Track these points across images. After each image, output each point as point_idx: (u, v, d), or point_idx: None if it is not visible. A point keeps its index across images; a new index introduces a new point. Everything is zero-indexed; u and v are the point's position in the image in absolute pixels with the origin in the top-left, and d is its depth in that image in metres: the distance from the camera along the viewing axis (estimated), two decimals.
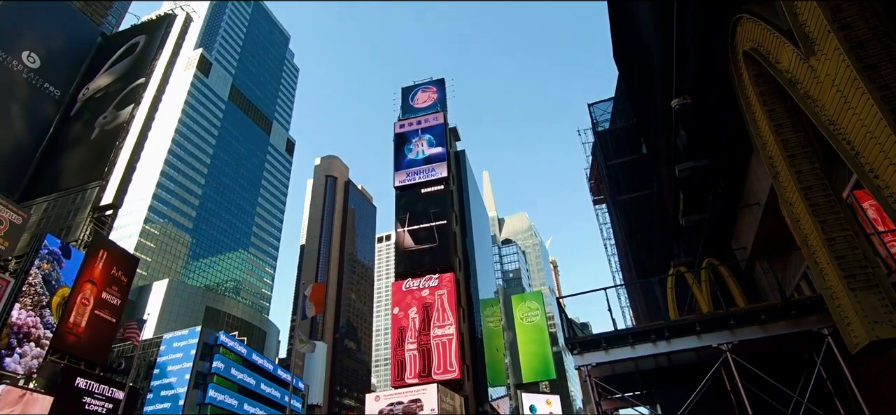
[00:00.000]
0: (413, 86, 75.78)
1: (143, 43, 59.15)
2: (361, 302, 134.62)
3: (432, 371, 47.89)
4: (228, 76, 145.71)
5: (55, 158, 51.44)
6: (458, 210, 68.84)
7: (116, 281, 36.81)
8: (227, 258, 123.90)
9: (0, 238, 31.60)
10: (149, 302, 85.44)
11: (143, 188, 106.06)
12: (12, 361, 26.99)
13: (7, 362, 26.78)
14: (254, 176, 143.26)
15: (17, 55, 53.13)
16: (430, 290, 54.88)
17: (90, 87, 57.52)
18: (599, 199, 43.48)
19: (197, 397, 48.13)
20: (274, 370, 65.09)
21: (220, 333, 55.64)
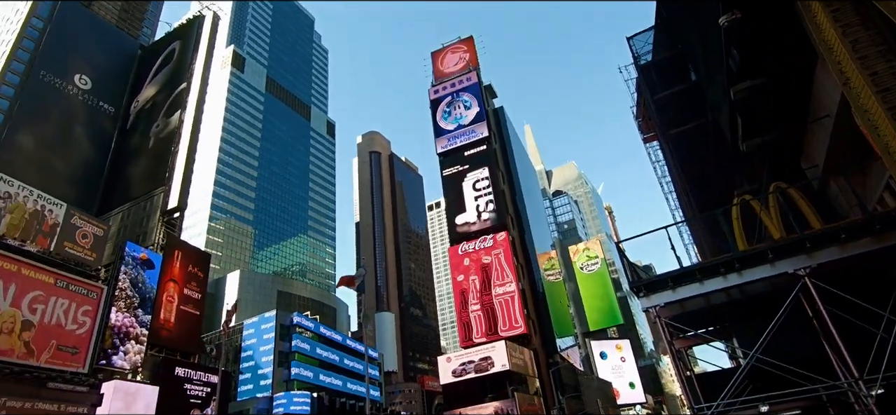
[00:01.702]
0: (442, 48, 74.58)
1: (179, 48, 61.53)
2: (421, 270, 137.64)
3: (498, 329, 48.60)
4: (262, 68, 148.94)
5: (121, 171, 55.15)
6: (503, 168, 68.17)
7: (194, 277, 39.60)
8: (289, 244, 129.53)
9: (87, 250, 34.46)
10: (226, 293, 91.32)
11: (203, 188, 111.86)
12: (118, 358, 29.94)
13: (114, 360, 29.76)
14: (301, 162, 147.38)
15: (71, 80, 56.79)
16: (486, 250, 55.18)
17: (139, 99, 60.82)
18: (650, 136, 41.71)
19: (282, 375, 51.84)
20: (343, 341, 68.47)
21: (293, 314, 59.12)
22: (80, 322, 28.51)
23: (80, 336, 28.12)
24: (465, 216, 58.63)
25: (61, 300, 28.12)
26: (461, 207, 59.67)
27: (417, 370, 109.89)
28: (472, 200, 59.14)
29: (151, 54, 65.17)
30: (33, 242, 29.89)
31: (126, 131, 58.83)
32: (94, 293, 30.53)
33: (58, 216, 32.13)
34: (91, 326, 28.83)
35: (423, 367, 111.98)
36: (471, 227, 57.04)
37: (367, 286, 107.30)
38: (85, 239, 34.19)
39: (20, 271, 27.04)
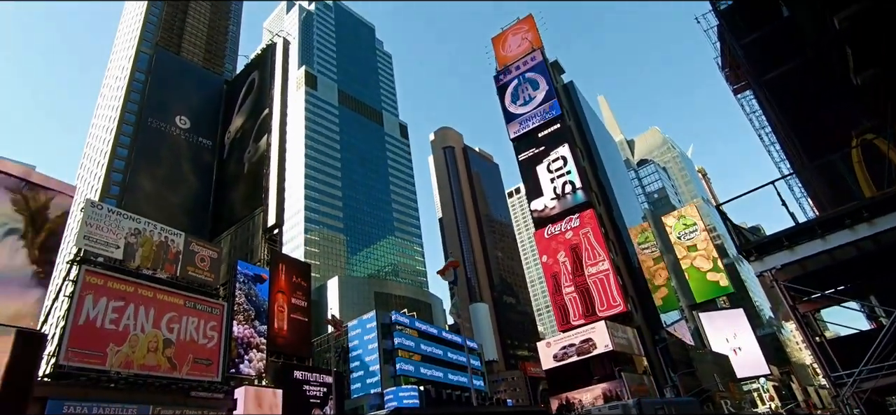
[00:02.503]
0: (501, 32, 73.31)
1: (258, 77, 66.14)
2: (508, 258, 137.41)
3: (596, 309, 47.27)
4: (333, 83, 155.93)
5: (224, 197, 60.48)
6: (581, 144, 65.88)
7: (299, 287, 42.63)
8: (379, 247, 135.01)
9: (206, 272, 38.23)
10: (328, 299, 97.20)
11: (296, 203, 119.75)
12: (245, 366, 33.11)
13: (242, 368, 32.94)
14: (380, 167, 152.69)
15: (173, 122, 63.05)
16: (573, 231, 53.76)
17: (231, 129, 66.27)
18: (740, 86, 38.12)
19: (389, 371, 54.51)
20: (439, 333, 70.22)
21: (392, 313, 61.80)
22: (209, 336, 31.86)
23: (211, 349, 31.45)
24: (544, 199, 57.56)
25: (191, 319, 31.58)
26: (540, 191, 58.63)
27: (518, 358, 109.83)
28: (550, 182, 57.86)
29: (235, 87, 70.73)
30: (162, 270, 33.70)
31: (224, 161, 64.36)
32: (217, 310, 33.95)
33: (179, 245, 35.89)
34: (218, 339, 32.14)
35: (523, 354, 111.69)
36: (552, 210, 55.87)
37: (459, 278, 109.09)
38: (203, 262, 37.93)
39: (156, 297, 30.68)
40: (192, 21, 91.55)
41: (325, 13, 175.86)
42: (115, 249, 30.99)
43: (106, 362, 25.82)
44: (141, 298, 29.50)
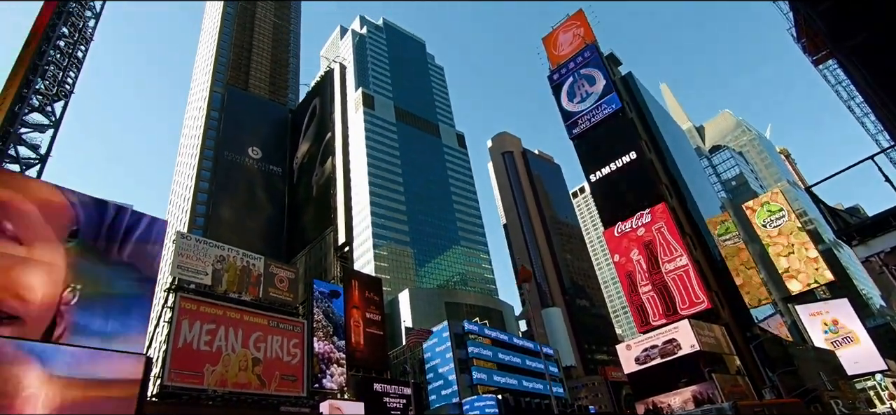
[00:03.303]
0: (552, 31, 71.66)
1: (319, 103, 68.83)
2: (578, 259, 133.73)
3: (677, 308, 44.60)
4: (389, 101, 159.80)
5: (296, 219, 63.16)
6: (646, 136, 62.96)
7: (372, 301, 43.53)
8: (445, 257, 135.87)
9: (286, 293, 39.93)
10: (401, 312, 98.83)
11: (363, 220, 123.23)
12: (327, 380, 34.13)
13: (324, 382, 33.99)
14: (440, 178, 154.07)
15: (246, 153, 66.84)
16: (644, 227, 51.30)
17: (298, 155, 69.33)
18: (821, 56, 34.77)
19: (465, 380, 54.38)
20: (510, 339, 69.20)
21: (463, 322, 61.78)
22: (293, 354, 33.16)
23: (295, 366, 32.71)
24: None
25: (276, 337, 33.03)
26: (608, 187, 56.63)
27: (597, 362, 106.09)
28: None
29: (299, 115, 74.09)
30: (246, 293, 35.54)
31: (294, 185, 67.38)
32: (298, 328, 35.31)
33: (259, 268, 37.74)
34: (301, 356, 33.39)
35: (603, 358, 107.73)
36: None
37: None
38: (282, 283, 39.65)
39: (242, 318, 32.36)
40: (256, 58, 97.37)
41: (376, 35, 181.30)
42: (204, 275, 33.09)
43: (203, 381, 27.47)
44: (230, 321, 31.21)
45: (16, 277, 22.63)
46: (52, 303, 23.06)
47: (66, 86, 39.49)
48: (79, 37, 41.60)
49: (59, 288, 23.64)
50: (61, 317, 22.92)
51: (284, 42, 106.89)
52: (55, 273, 23.90)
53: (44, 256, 23.81)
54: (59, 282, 23.72)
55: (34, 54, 37.89)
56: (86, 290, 24.29)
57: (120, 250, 25.78)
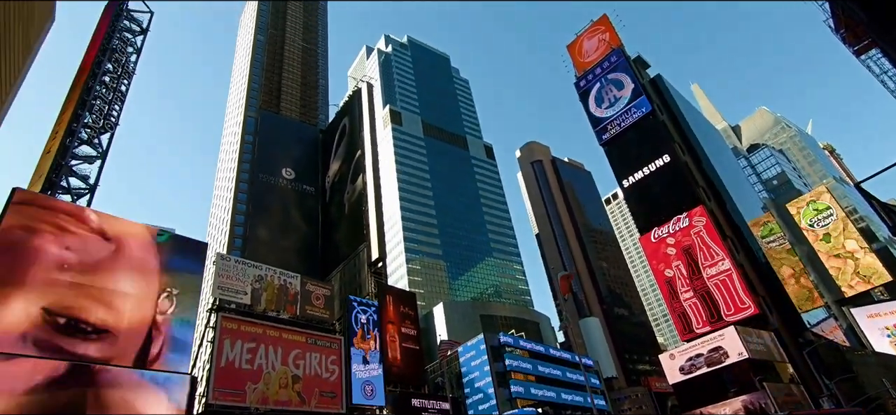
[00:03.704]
0: (576, 38, 70.91)
1: (348, 122, 69.96)
2: (614, 267, 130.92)
3: (722, 314, 42.88)
4: (416, 116, 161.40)
5: (330, 237, 64.03)
6: (679, 138, 61.41)
7: (407, 316, 43.55)
8: (478, 269, 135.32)
9: (322, 310, 40.41)
10: (436, 326, 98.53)
11: (395, 235, 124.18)
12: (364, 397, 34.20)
13: (363, 401, 34.07)
14: (470, 191, 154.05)
15: (280, 174, 68.38)
16: (682, 231, 49.75)
17: (329, 174, 70.48)
18: (863, 45, 33.34)
19: (503, 394, 53.65)
20: (546, 351, 67.92)
21: (499, 334, 61.10)
22: (331, 370, 33.46)
23: (333, 382, 32.97)
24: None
25: (314, 354, 33.40)
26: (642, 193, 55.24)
27: (639, 373, 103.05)
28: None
29: (329, 134, 75.49)
30: (285, 311, 36.15)
31: (326, 204, 68.46)
32: (335, 344, 35.64)
33: (296, 286, 38.38)
34: (339, 372, 33.65)
35: (645, 368, 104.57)
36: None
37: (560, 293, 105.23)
38: (318, 301, 40.18)
39: (281, 336, 32.91)
40: (287, 82, 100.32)
41: (401, 52, 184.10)
42: (243, 295, 33.87)
43: (246, 399, 27.97)
44: (269, 339, 31.78)
45: (104, 281, 24.36)
46: (146, 316, 24.83)
47: (111, 118, 41.43)
48: (122, 71, 43.68)
49: (154, 294, 25.62)
50: (158, 330, 24.57)
51: (313, 65, 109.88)
52: (149, 276, 26.18)
53: (135, 255, 25.72)
54: (154, 286, 26.09)
55: (82, 90, 39.95)
56: (183, 295, 26.28)
57: None
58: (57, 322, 22.19)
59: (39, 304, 22.12)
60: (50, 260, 23.30)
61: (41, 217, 24.06)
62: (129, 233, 26.82)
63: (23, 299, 21.83)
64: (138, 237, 27.01)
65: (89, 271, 24.24)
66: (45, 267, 22.98)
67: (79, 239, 24.71)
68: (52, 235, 23.86)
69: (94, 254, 24.76)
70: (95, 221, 25.90)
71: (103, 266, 24.84)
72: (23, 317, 21.52)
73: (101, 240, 25.28)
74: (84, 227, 25.24)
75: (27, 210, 23.94)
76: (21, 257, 22.60)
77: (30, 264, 22.70)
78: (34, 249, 23.18)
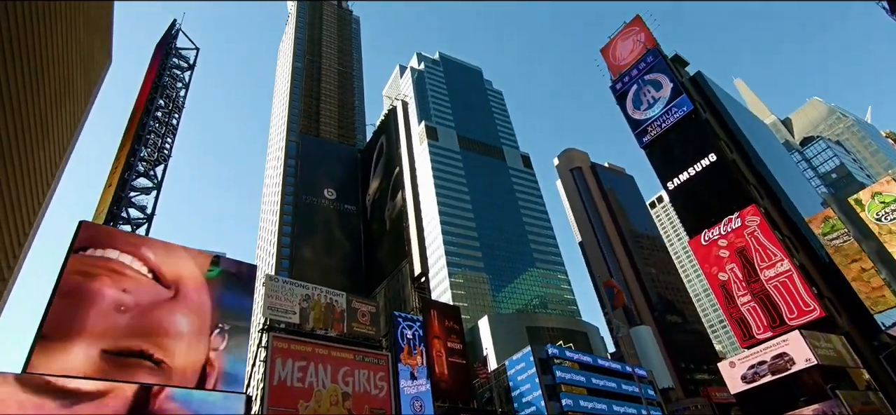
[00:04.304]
0: (609, 41, 69.47)
1: (385, 141, 71.00)
2: (664, 273, 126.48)
3: (785, 318, 40.48)
4: (452, 131, 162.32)
5: (372, 254, 64.80)
6: (724, 136, 59.01)
7: (452, 330, 43.36)
8: (522, 280, 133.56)
9: (368, 326, 40.76)
10: (481, 338, 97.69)
11: (437, 250, 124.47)
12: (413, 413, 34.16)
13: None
14: (509, 202, 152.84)
15: (322, 195, 69.94)
16: (734, 232, 47.55)
17: (369, 192, 71.57)
18: None
19: (555, 408, 52.39)
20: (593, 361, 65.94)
21: (547, 346, 59.89)
22: (380, 387, 33.61)
23: (383, 399, 33.09)
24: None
25: (362, 371, 33.68)
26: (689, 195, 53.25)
27: (697, 382, 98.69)
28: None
29: (368, 153, 76.88)
30: (332, 329, 36.68)
31: (368, 222, 69.48)
32: (383, 360, 35.83)
33: (342, 304, 38.91)
34: (388, 388, 33.78)
35: (704, 377, 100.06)
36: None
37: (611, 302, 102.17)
38: (364, 318, 40.57)
39: (330, 354, 33.37)
40: (325, 105, 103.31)
41: (434, 68, 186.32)
42: (292, 315, 34.63)
43: None
44: (318, 357, 32.30)
45: (159, 322, 25.74)
46: (200, 356, 25.91)
47: (164, 150, 43.64)
48: (173, 106, 46.07)
49: (207, 331, 26.79)
50: (212, 366, 25.94)
51: (349, 87, 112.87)
52: (202, 314, 27.40)
53: (189, 294, 27.01)
54: (207, 323, 27.34)
55: (138, 126, 42.35)
56: (234, 330, 27.41)
57: None
58: (115, 362, 23.35)
59: (99, 347, 23.31)
60: (108, 303, 24.55)
61: (99, 263, 25.40)
62: (183, 272, 27.95)
63: (84, 344, 23.03)
64: (192, 276, 28.13)
65: (145, 313, 25.42)
66: (103, 311, 24.21)
67: (135, 282, 26.01)
68: (109, 278, 25.19)
69: (150, 296, 26.06)
70: (152, 259, 27.12)
71: (159, 307, 26.02)
72: (83, 359, 22.70)
73: (155, 283, 26.60)
74: (140, 267, 26.54)
75: (87, 260, 25.15)
76: (81, 302, 23.86)
77: (89, 308, 23.94)
78: (93, 293, 24.48)
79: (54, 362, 21.79)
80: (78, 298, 23.82)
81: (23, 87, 56.72)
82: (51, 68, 62.66)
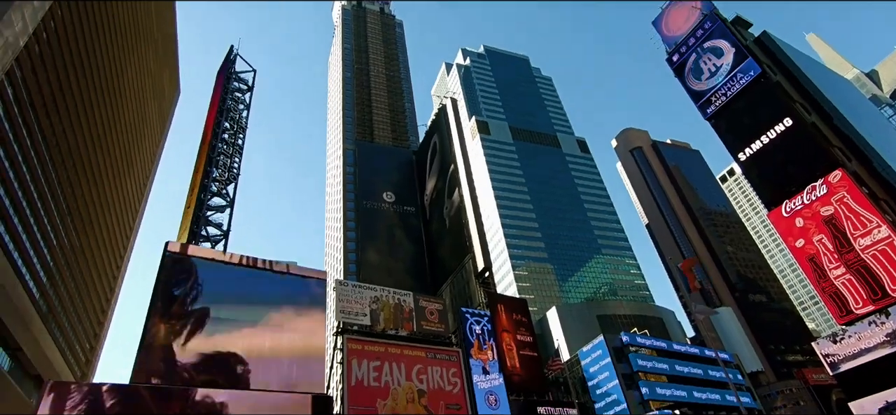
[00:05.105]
0: (661, 13, 65.85)
1: (437, 140, 71.43)
2: (742, 250, 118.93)
3: (887, 289, 36.85)
4: (503, 123, 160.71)
5: (435, 253, 65.46)
6: (799, 97, 54.51)
7: (521, 323, 43.00)
8: (588, 268, 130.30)
9: (437, 324, 41.20)
10: (551, 330, 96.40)
11: (498, 244, 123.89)
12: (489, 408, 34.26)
13: (488, 411, 34.15)
14: (568, 189, 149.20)
15: (381, 199, 71.48)
16: (820, 200, 43.79)
17: (426, 193, 72.33)
18: None
19: (634, 397, 50.79)
20: (668, 347, 63.07)
21: (621, 334, 58.18)
22: (453, 383, 33.92)
23: (457, 394, 33.36)
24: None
25: (435, 368, 34.11)
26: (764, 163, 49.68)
27: (789, 364, 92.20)
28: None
29: (422, 154, 77.72)
30: (402, 328, 37.41)
31: (428, 222, 70.30)
32: (454, 357, 36.12)
33: (410, 303, 39.57)
34: (461, 384, 34.03)
35: (796, 358, 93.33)
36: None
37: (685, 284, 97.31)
38: (432, 316, 41.04)
39: (403, 353, 34.03)
40: (377, 111, 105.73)
41: (480, 62, 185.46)
42: (363, 317, 35.63)
43: None
44: (391, 356, 33.04)
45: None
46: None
47: (233, 170, 46.16)
48: (237, 127, 48.66)
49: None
50: None
51: (398, 91, 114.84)
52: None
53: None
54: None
55: (209, 149, 45.08)
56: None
57: None
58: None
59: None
60: None
61: None
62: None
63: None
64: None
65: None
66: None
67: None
68: None
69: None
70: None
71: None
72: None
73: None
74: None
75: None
76: None
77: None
78: None
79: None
80: None
81: (107, 125, 61.92)
82: (129, 105, 67.90)
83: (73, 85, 53.84)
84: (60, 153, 52.85)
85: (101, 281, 68.60)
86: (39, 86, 46.24)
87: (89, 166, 60.42)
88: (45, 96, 47.69)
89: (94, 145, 60.95)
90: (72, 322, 60.82)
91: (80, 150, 57.69)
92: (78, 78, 54.41)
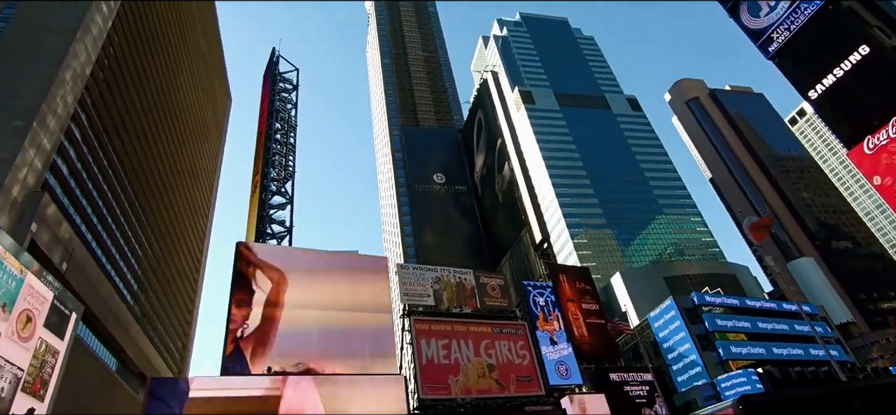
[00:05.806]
0: None
1: (482, 116, 70.45)
2: (820, 195, 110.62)
3: None
4: (548, 90, 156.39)
5: (490, 229, 65.23)
6: (875, 20, 49.08)
7: (585, 291, 42.22)
8: (651, 231, 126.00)
9: (500, 299, 41.05)
10: (618, 296, 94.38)
11: (554, 214, 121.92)
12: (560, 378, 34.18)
13: (560, 381, 34.09)
14: (621, 150, 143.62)
15: (432, 180, 71.92)
16: None
17: (476, 170, 71.86)
18: None
19: (712, 358, 48.89)
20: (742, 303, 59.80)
21: (692, 295, 56.04)
22: (522, 355, 33.86)
23: (527, 367, 33.31)
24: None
25: (502, 342, 34.16)
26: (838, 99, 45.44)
27: (884, 312, 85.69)
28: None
29: (468, 132, 77.18)
30: (466, 306, 37.60)
31: (480, 199, 70.05)
32: (520, 330, 36.00)
33: (471, 281, 39.63)
34: (530, 356, 33.93)
35: (892, 305, 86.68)
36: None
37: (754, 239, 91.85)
38: (494, 291, 40.89)
39: (469, 330, 34.28)
40: (419, 94, 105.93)
41: (517, 31, 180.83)
42: (427, 298, 36.10)
43: (451, 391, 29.74)
44: (458, 334, 33.35)
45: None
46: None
47: (289, 167, 47.75)
48: (287, 127, 50.15)
49: None
50: None
51: (437, 71, 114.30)
52: None
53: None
54: None
55: (264, 151, 46.82)
56: None
57: None
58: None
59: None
60: None
61: None
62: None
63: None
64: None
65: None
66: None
67: None
68: None
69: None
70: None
71: None
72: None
73: None
74: None
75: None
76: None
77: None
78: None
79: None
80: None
81: (170, 139, 65.67)
82: (187, 117, 71.59)
83: (137, 105, 57.44)
84: (133, 170, 56.75)
85: (184, 283, 73.89)
86: (108, 109, 49.63)
87: (160, 179, 64.66)
88: (114, 118, 51.17)
89: (162, 159, 65.07)
90: (163, 323, 66.07)
91: (150, 165, 61.76)
92: (139, 98, 58.00)
